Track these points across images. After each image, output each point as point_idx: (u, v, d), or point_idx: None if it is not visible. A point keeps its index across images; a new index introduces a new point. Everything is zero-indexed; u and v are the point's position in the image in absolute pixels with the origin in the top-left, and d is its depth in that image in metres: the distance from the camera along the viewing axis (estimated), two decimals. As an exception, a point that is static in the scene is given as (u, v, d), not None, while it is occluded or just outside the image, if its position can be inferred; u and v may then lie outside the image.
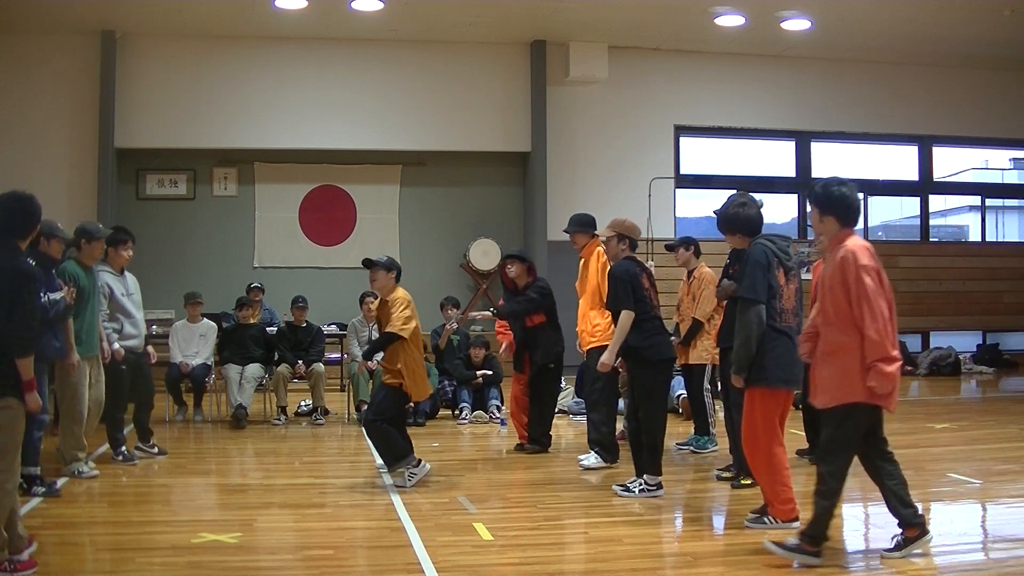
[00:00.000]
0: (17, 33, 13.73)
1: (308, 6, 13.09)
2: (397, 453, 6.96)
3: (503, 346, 9.10)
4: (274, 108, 14.49)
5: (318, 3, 13.05)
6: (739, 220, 5.97)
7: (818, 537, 4.97)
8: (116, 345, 7.67)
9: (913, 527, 5.07)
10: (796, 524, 5.53)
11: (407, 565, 5.02)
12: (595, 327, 7.80)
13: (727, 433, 7.27)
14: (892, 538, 5.12)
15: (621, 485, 6.64)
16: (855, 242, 4.99)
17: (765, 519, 5.70)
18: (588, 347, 7.88)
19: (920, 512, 5.11)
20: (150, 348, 8.22)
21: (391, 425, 7.01)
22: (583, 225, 8.01)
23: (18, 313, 4.73)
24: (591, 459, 7.65)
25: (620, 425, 7.55)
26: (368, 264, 7.29)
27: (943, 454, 8.35)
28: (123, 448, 7.92)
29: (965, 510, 6.50)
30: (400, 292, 7.19)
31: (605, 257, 7.50)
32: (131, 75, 14.07)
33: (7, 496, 4.74)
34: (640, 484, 6.53)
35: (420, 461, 7.01)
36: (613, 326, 6.78)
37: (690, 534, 5.66)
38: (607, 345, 6.87)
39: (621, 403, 8.92)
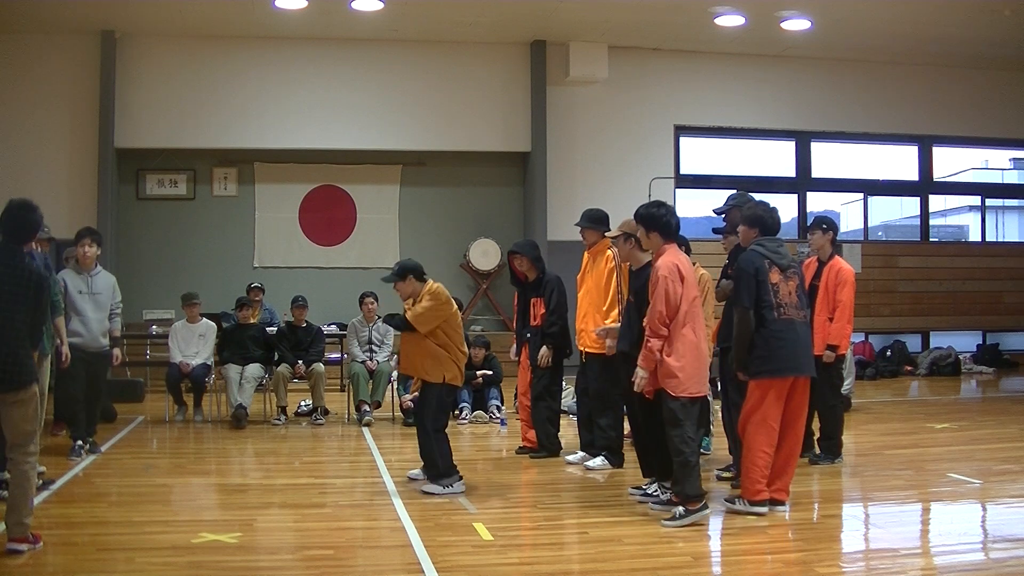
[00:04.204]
0: (17, 33, 13.73)
1: (308, 6, 13.09)
2: (441, 469, 6.72)
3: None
4: (274, 108, 14.48)
5: (318, 3, 13.05)
6: (764, 222, 6.28)
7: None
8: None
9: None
10: (763, 508, 5.89)
11: (407, 565, 5.03)
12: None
13: (726, 433, 7.27)
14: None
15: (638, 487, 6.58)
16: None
17: (736, 501, 5.99)
18: (592, 350, 7.62)
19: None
20: (116, 351, 8.05)
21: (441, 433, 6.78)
22: (595, 221, 7.77)
23: (39, 311, 5.23)
24: (598, 461, 7.58)
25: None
26: (388, 280, 6.99)
27: (943, 454, 8.35)
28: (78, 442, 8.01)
29: (965, 510, 6.51)
30: (428, 286, 6.83)
31: (614, 261, 7.38)
32: (131, 75, 14.06)
33: (34, 474, 5.23)
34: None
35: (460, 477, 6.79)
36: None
37: (690, 534, 5.66)
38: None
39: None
